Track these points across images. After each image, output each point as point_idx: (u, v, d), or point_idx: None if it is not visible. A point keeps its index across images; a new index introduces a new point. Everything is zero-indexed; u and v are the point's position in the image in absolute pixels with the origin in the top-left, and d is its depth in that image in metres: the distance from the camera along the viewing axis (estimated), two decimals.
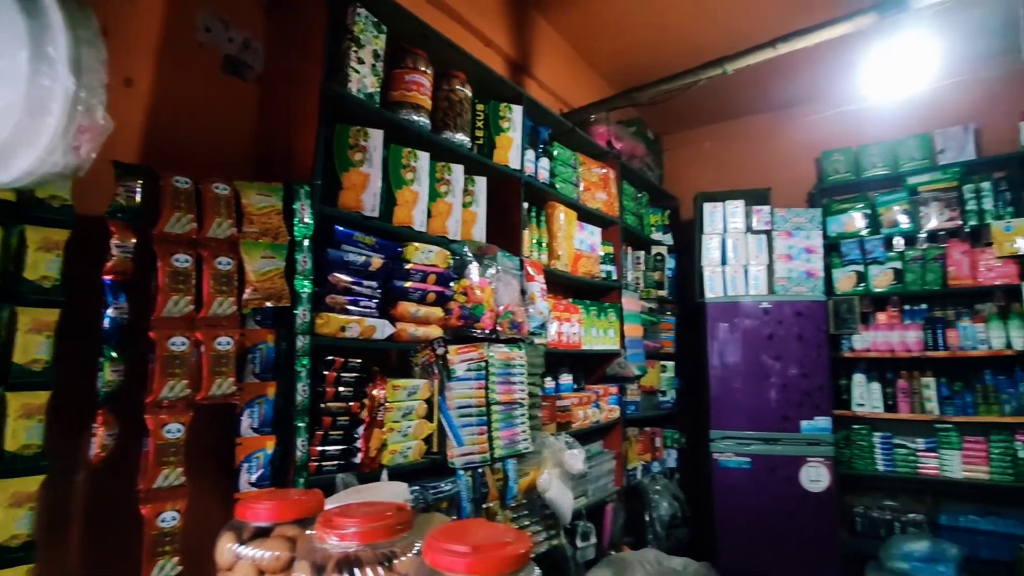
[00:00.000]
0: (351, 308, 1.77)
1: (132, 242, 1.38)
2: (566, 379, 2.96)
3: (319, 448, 1.64)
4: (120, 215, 1.37)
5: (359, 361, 1.76)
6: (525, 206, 2.64)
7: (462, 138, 2.28)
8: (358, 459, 1.73)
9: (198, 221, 1.46)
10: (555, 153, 2.93)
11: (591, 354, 3.13)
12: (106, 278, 1.35)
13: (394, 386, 1.86)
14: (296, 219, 1.61)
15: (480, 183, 2.38)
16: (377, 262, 1.83)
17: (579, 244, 3.03)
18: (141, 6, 1.69)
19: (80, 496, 1.45)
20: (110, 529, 1.45)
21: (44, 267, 1.22)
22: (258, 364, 1.55)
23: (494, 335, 2.23)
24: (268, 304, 1.52)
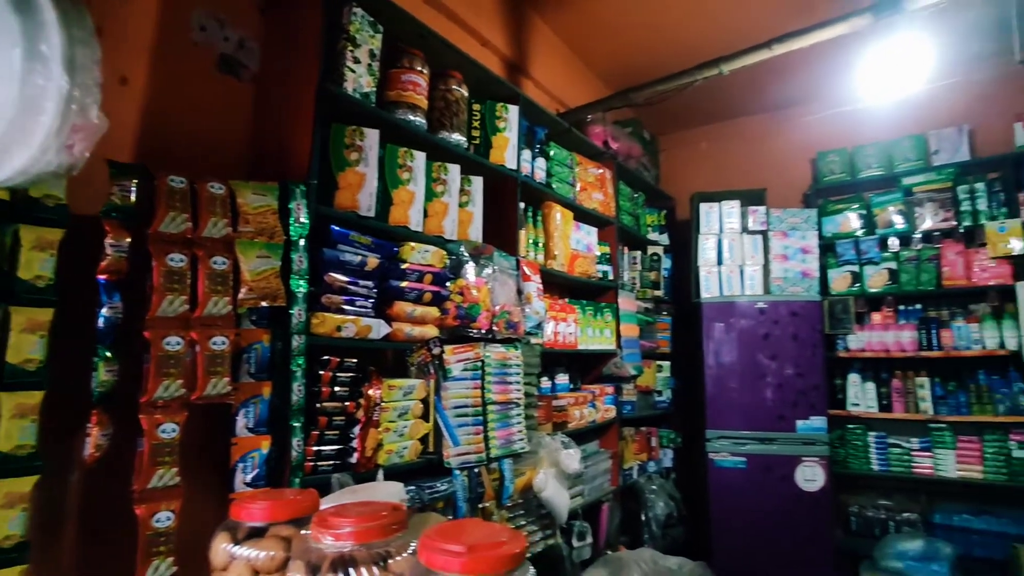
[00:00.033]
0: (347, 308, 1.77)
1: (127, 241, 1.37)
2: (562, 379, 2.96)
3: (315, 448, 1.64)
4: (115, 214, 1.37)
5: (355, 361, 1.76)
6: (521, 206, 2.64)
7: (458, 138, 2.28)
8: (354, 459, 1.73)
9: (193, 220, 1.45)
10: (551, 153, 2.93)
11: (587, 354, 3.14)
12: (100, 277, 1.34)
13: (390, 386, 1.86)
14: (292, 218, 1.61)
15: (476, 183, 2.38)
16: (373, 262, 1.83)
17: (575, 244, 3.03)
18: (136, 5, 1.69)
19: (74, 496, 1.45)
20: (104, 529, 1.45)
21: (38, 266, 1.22)
22: (253, 364, 1.54)
23: (490, 335, 2.23)
24: (263, 304, 1.51)
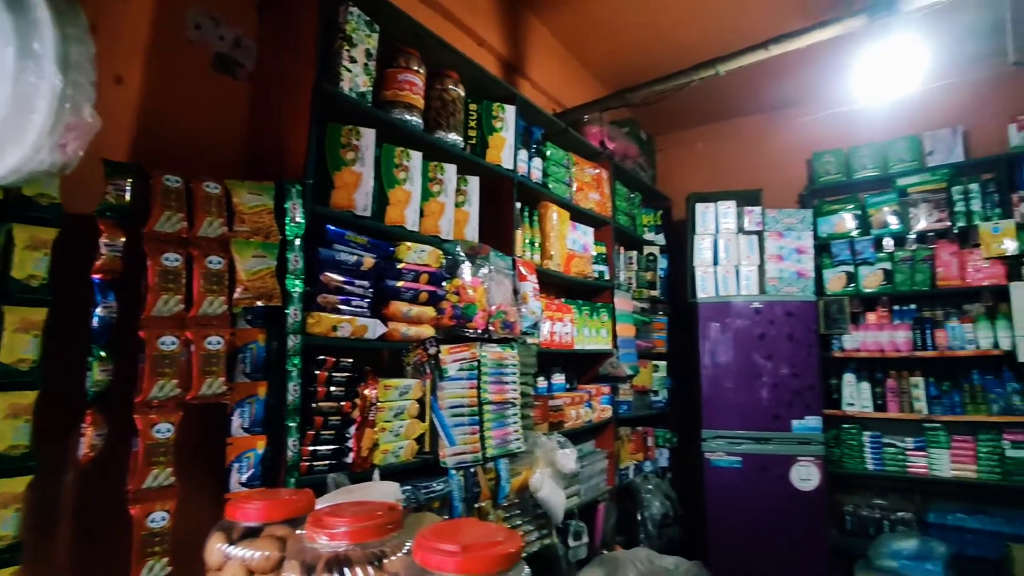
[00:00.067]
0: (343, 307, 1.76)
1: (121, 241, 1.37)
2: (558, 379, 2.96)
3: (310, 448, 1.64)
4: (109, 214, 1.36)
5: (351, 361, 1.76)
6: (518, 206, 2.64)
7: (455, 138, 2.28)
8: (350, 459, 1.73)
9: (188, 220, 1.45)
10: (548, 153, 2.93)
11: (583, 354, 3.14)
12: (95, 277, 1.34)
13: (386, 386, 1.86)
14: (288, 218, 1.61)
15: (473, 183, 2.38)
16: (369, 261, 1.83)
17: (572, 244, 3.04)
18: (131, 3, 1.68)
19: (68, 497, 1.44)
20: (99, 530, 1.44)
21: (32, 266, 1.21)
22: (249, 364, 1.54)
23: (486, 335, 2.23)
24: (259, 303, 1.51)
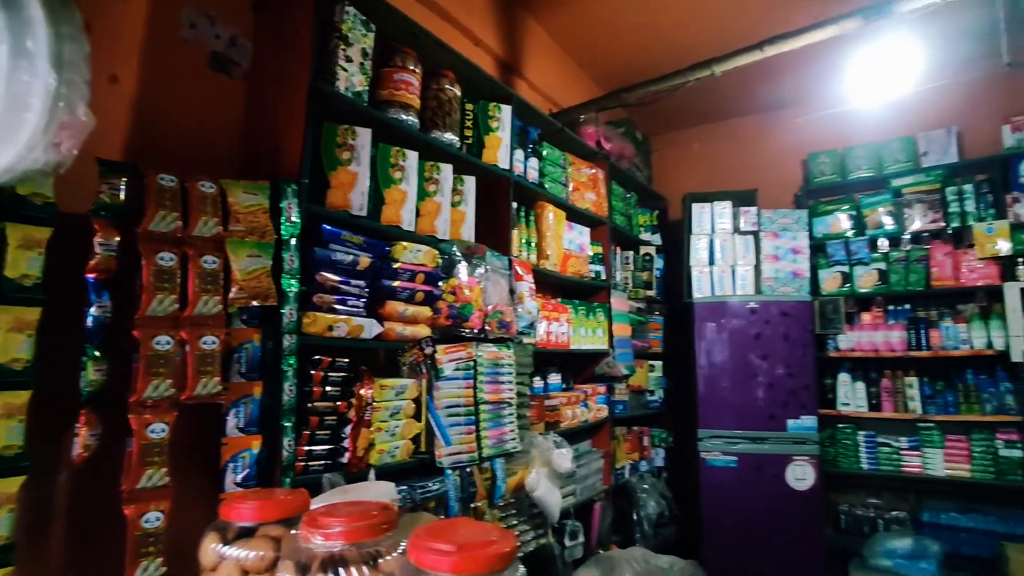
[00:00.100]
0: (338, 307, 1.76)
1: (116, 240, 1.36)
2: (554, 378, 2.97)
3: (306, 448, 1.64)
4: (104, 213, 1.36)
5: (346, 360, 1.76)
6: (514, 206, 2.64)
7: (451, 137, 2.27)
8: (345, 459, 1.73)
9: (183, 219, 1.44)
10: (544, 153, 2.93)
11: (580, 354, 3.14)
12: (89, 276, 1.33)
13: (382, 385, 1.85)
14: (283, 218, 1.60)
15: (469, 182, 2.38)
16: (365, 261, 1.82)
17: (568, 244, 3.04)
18: (126, 2, 1.67)
19: (62, 497, 1.43)
20: (93, 530, 1.44)
21: (25, 265, 1.20)
22: (244, 363, 1.54)
23: (482, 334, 2.23)
24: (254, 303, 1.51)
